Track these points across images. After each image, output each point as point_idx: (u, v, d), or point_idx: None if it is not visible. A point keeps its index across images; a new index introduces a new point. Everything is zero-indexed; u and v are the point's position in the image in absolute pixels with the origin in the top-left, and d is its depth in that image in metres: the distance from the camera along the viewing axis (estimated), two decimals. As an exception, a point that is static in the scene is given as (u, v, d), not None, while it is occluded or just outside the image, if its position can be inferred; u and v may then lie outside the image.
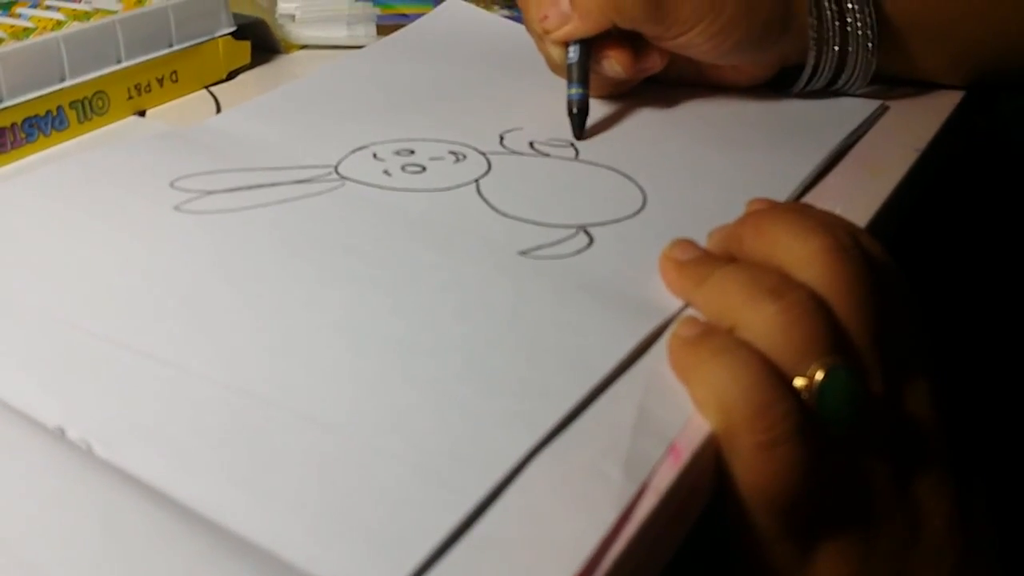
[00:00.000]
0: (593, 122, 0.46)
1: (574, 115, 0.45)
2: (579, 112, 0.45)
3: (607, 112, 0.48)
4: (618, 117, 0.48)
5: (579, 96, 0.44)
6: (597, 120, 0.47)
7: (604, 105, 0.48)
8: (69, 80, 0.47)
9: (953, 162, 0.56)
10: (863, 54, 0.45)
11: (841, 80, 0.47)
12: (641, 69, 0.45)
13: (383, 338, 0.31)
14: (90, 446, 0.26)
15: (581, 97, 0.45)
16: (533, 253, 0.35)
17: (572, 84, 0.45)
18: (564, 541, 0.23)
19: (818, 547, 0.28)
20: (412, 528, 0.24)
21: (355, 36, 0.59)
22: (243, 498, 0.25)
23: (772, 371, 0.27)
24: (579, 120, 0.45)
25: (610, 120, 0.47)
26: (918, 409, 0.29)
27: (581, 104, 0.45)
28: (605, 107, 0.48)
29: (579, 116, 0.45)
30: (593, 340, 0.30)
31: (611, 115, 0.48)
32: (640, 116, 0.48)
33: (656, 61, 0.45)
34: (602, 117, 0.47)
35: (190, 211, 0.38)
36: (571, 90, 0.45)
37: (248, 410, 0.28)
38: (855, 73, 0.46)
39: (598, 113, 0.48)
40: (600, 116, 0.47)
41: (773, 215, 0.31)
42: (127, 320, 0.32)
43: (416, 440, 0.26)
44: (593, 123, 0.46)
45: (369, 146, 0.44)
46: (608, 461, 0.26)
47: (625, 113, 0.48)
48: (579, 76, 0.45)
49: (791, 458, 0.26)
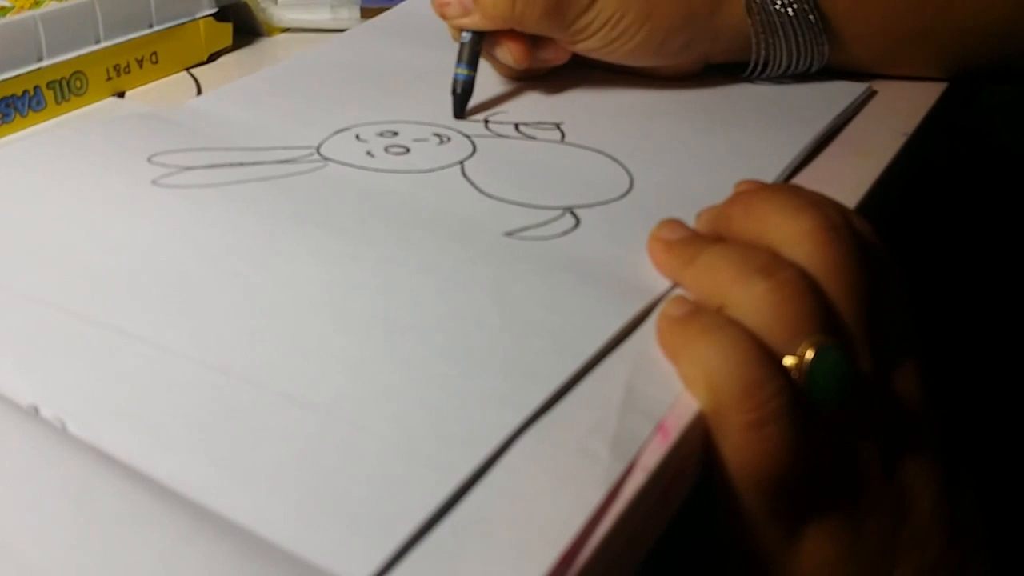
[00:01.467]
0: (576, 105, 0.46)
1: (456, 95, 0.45)
2: (462, 93, 0.45)
3: (592, 93, 0.48)
4: (604, 99, 0.47)
5: (464, 77, 0.45)
6: (581, 100, 0.47)
7: (589, 87, 0.48)
8: (47, 60, 0.46)
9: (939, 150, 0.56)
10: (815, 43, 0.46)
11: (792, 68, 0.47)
12: (540, 59, 0.46)
13: (366, 317, 0.30)
14: (64, 424, 0.26)
15: (466, 79, 0.45)
16: (519, 234, 0.35)
17: (459, 64, 0.45)
18: (551, 520, 0.23)
19: (805, 527, 0.27)
20: (395, 507, 0.23)
21: (338, 19, 0.58)
22: (223, 477, 0.24)
23: (761, 350, 0.26)
24: (461, 100, 0.45)
25: (596, 102, 0.47)
26: (907, 390, 0.29)
27: (465, 85, 0.45)
28: (590, 88, 0.48)
29: (461, 96, 0.45)
30: (580, 320, 0.30)
31: (597, 96, 0.47)
32: (626, 99, 0.47)
33: (557, 54, 0.46)
34: (586, 98, 0.47)
35: (168, 185, 0.37)
36: (457, 69, 0.45)
37: (227, 389, 0.27)
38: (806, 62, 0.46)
39: (582, 94, 0.47)
40: (584, 97, 0.47)
41: (763, 195, 0.31)
42: (102, 296, 0.31)
43: (400, 419, 0.26)
44: (577, 103, 0.46)
45: (352, 127, 0.44)
46: (595, 440, 0.25)
47: (611, 95, 0.48)
48: (468, 58, 0.45)
49: (780, 437, 0.26)
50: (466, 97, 0.45)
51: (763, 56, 0.46)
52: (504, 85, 0.49)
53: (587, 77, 0.49)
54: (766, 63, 0.46)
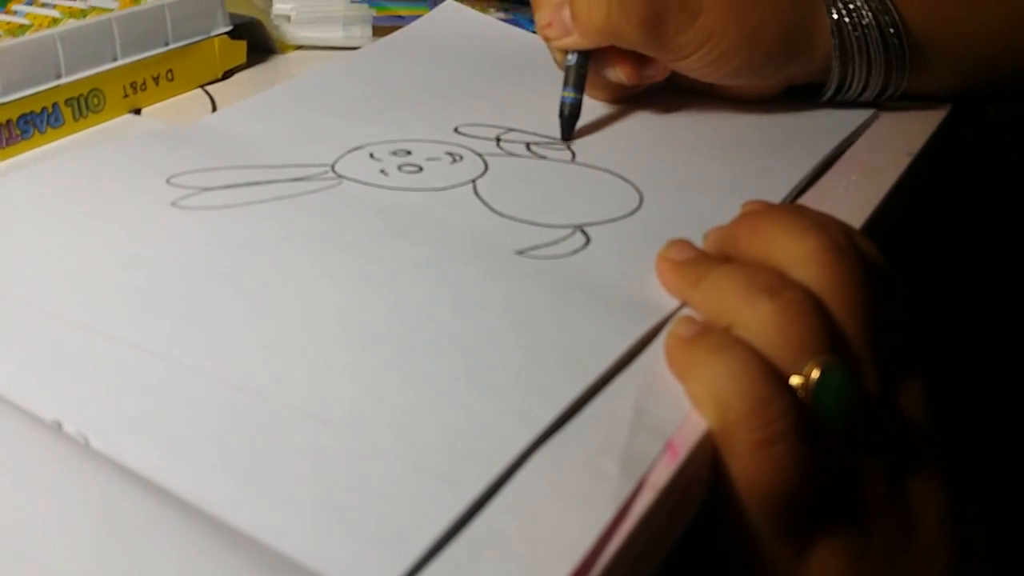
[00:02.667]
0: (590, 124, 0.47)
1: (564, 118, 0.45)
2: (570, 116, 0.45)
3: (604, 115, 0.48)
4: (615, 120, 0.48)
5: (571, 100, 0.45)
6: (593, 122, 0.47)
7: (601, 108, 0.49)
8: (65, 77, 0.47)
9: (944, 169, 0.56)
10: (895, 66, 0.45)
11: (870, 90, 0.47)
12: (645, 76, 0.46)
13: (380, 335, 0.31)
14: (87, 439, 0.26)
15: (573, 101, 0.45)
16: (530, 253, 0.36)
17: (566, 87, 0.45)
18: (561, 537, 0.23)
19: (813, 544, 0.28)
20: (409, 524, 0.24)
21: (351, 37, 0.59)
22: (240, 492, 0.25)
23: (768, 369, 0.27)
24: (569, 123, 0.45)
25: (607, 123, 0.47)
26: (912, 408, 0.30)
27: (572, 108, 0.45)
28: (602, 109, 0.49)
29: (569, 120, 0.45)
30: (590, 338, 0.30)
31: (608, 118, 0.48)
32: (636, 119, 0.48)
33: (660, 70, 0.46)
34: (599, 119, 0.47)
35: (187, 207, 0.38)
36: (564, 93, 0.45)
37: (245, 405, 0.28)
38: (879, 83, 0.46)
39: (595, 115, 0.48)
40: (597, 118, 0.48)
41: (769, 215, 0.32)
42: (123, 314, 0.32)
43: (413, 436, 0.26)
44: (589, 125, 0.47)
45: (366, 146, 0.44)
46: (605, 458, 0.26)
47: (622, 116, 0.48)
48: (574, 81, 0.45)
49: (787, 456, 0.26)
50: (573, 120, 0.45)
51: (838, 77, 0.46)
52: (517, 104, 0.49)
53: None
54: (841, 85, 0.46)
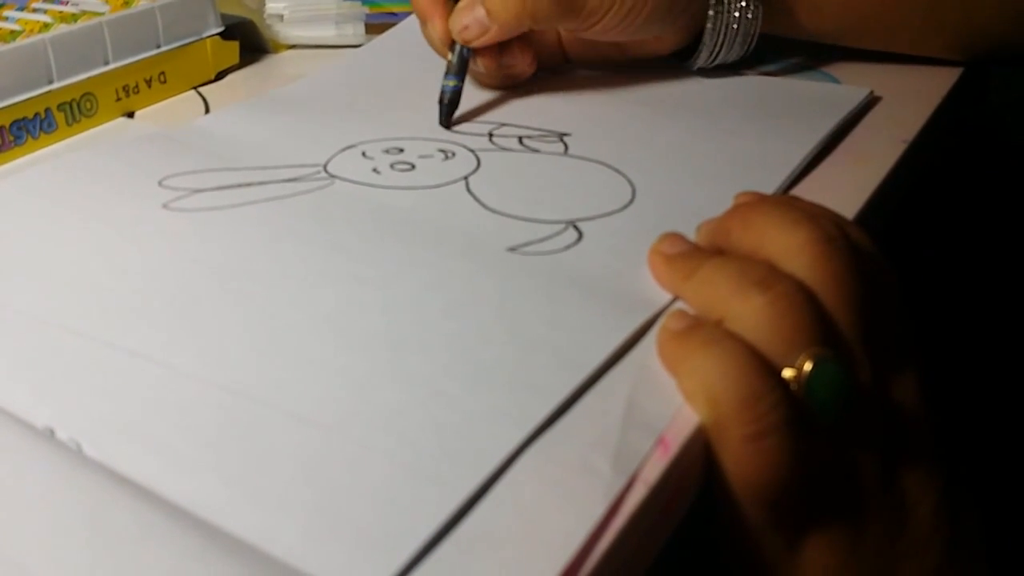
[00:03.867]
0: (579, 116, 0.47)
1: (443, 104, 0.47)
2: (449, 103, 0.47)
3: (594, 106, 0.48)
4: (607, 108, 0.48)
5: (451, 88, 0.47)
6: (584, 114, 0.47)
7: (592, 98, 0.49)
8: (57, 82, 0.47)
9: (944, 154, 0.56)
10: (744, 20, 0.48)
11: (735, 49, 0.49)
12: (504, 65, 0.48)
13: (372, 335, 0.31)
14: (79, 446, 0.26)
15: (454, 89, 0.47)
16: (522, 249, 0.35)
17: (448, 76, 0.47)
18: (553, 535, 0.23)
19: (806, 538, 0.28)
20: (401, 524, 0.24)
21: (344, 35, 0.59)
22: (233, 496, 0.25)
23: (760, 362, 0.27)
24: (447, 110, 0.47)
25: (599, 114, 0.47)
26: (906, 400, 0.29)
27: (452, 96, 0.47)
28: (593, 100, 0.49)
29: (448, 106, 0.47)
30: (582, 335, 0.30)
31: (600, 109, 0.48)
32: (629, 109, 0.48)
33: (516, 56, 0.48)
34: (591, 112, 0.47)
35: (178, 209, 0.38)
36: (446, 81, 0.47)
37: (237, 408, 0.28)
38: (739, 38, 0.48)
39: (585, 107, 0.48)
40: (587, 110, 0.48)
41: (760, 207, 0.32)
42: (115, 319, 0.32)
43: (405, 437, 0.26)
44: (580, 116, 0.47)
45: (358, 145, 0.44)
46: (597, 454, 0.26)
47: (614, 105, 0.48)
48: (457, 70, 0.47)
49: (779, 449, 0.26)
50: (452, 107, 0.47)
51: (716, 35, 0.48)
52: (508, 96, 0.50)
53: (590, 87, 0.50)
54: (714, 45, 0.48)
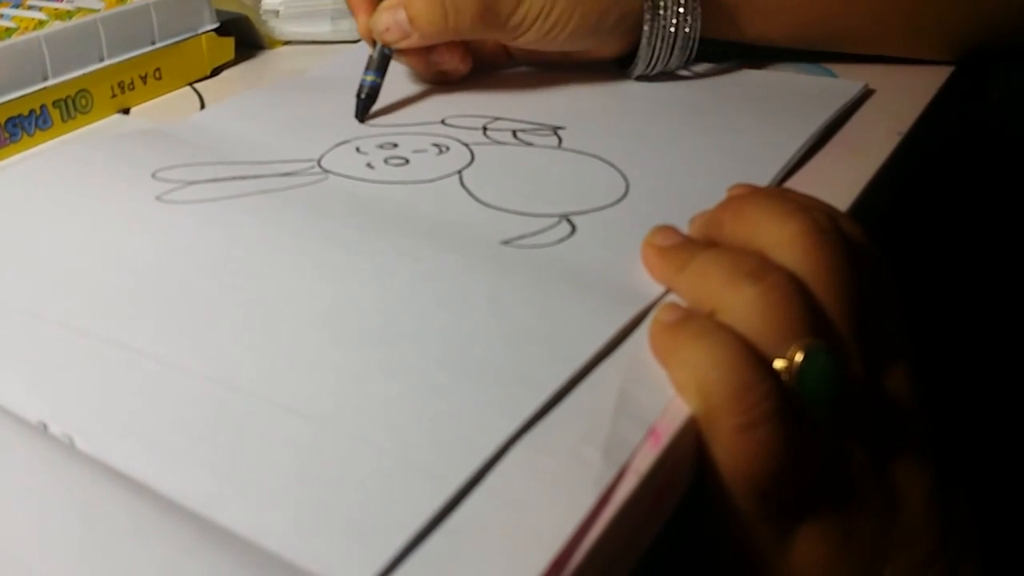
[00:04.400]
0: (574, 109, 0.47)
1: (361, 99, 0.47)
2: (367, 98, 0.47)
3: (588, 99, 0.48)
4: (601, 102, 0.48)
5: (369, 84, 0.47)
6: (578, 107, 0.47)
7: (586, 92, 0.49)
8: (52, 79, 0.47)
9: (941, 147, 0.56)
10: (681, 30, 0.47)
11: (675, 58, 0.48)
12: (433, 63, 0.48)
13: (365, 328, 0.31)
14: (72, 440, 0.26)
15: (371, 85, 0.47)
16: (515, 243, 0.35)
17: (367, 71, 0.47)
18: (543, 525, 0.23)
19: (797, 527, 0.28)
20: (392, 517, 0.24)
21: (339, 31, 0.59)
22: (225, 489, 0.25)
23: (752, 353, 0.27)
24: (364, 104, 0.47)
25: (593, 107, 0.47)
26: (897, 391, 0.29)
27: (370, 91, 0.47)
28: (587, 94, 0.49)
29: (366, 101, 0.47)
30: (574, 327, 0.30)
31: (594, 102, 0.48)
32: (623, 103, 0.48)
33: (443, 55, 0.48)
34: (585, 105, 0.47)
35: (172, 201, 0.38)
36: (366, 76, 0.47)
37: (229, 401, 0.28)
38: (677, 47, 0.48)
39: (579, 100, 0.48)
40: (581, 103, 0.48)
41: (753, 199, 0.32)
42: (108, 312, 0.32)
43: (397, 429, 0.26)
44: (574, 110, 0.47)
45: (352, 140, 0.44)
46: (588, 446, 0.26)
47: (608, 99, 0.48)
48: (378, 66, 0.47)
49: (770, 439, 0.26)
50: (370, 102, 0.48)
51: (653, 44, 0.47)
52: (503, 90, 0.50)
53: (584, 81, 0.50)
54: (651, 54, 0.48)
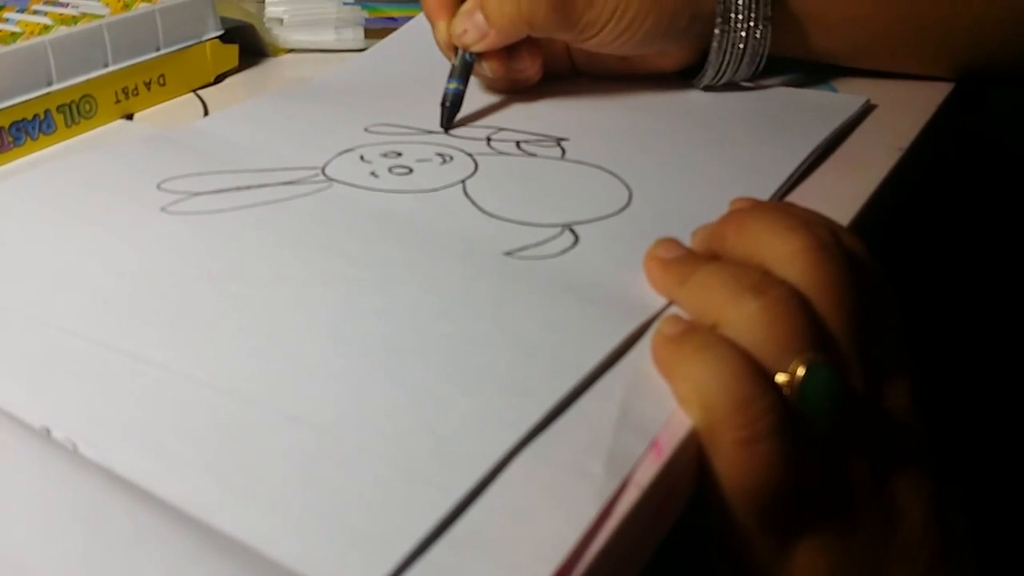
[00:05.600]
0: (577, 121, 0.47)
1: (445, 107, 0.47)
2: (451, 106, 0.47)
3: (592, 111, 0.48)
4: (606, 113, 0.48)
5: (453, 92, 0.47)
6: (582, 119, 0.47)
7: (588, 105, 0.49)
8: (56, 84, 0.47)
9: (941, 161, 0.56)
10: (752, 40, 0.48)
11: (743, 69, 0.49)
12: (513, 70, 0.48)
13: (368, 338, 0.31)
14: (75, 446, 0.27)
15: (456, 92, 0.47)
16: (518, 253, 0.36)
17: (451, 79, 0.47)
18: (545, 537, 0.23)
19: (797, 541, 0.28)
20: (395, 526, 0.24)
21: (343, 40, 0.59)
22: (228, 497, 0.25)
23: (753, 367, 0.27)
24: (449, 113, 0.47)
25: (597, 119, 0.48)
26: (898, 406, 0.30)
27: (455, 99, 0.47)
28: (589, 107, 0.49)
29: (450, 110, 0.47)
30: (577, 338, 0.30)
31: (598, 114, 0.48)
32: (627, 115, 0.48)
33: (525, 61, 0.48)
34: (589, 117, 0.48)
35: (177, 212, 0.38)
36: (449, 84, 0.47)
37: (233, 409, 0.28)
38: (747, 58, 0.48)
39: (583, 112, 0.48)
40: (585, 115, 0.48)
41: (755, 213, 0.32)
42: (112, 321, 0.32)
43: (399, 439, 0.26)
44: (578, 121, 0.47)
45: (356, 148, 0.44)
46: (590, 458, 0.26)
47: (612, 111, 0.48)
48: (460, 73, 0.48)
49: (772, 454, 0.26)
50: (454, 111, 0.47)
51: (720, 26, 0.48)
52: (507, 101, 0.50)
53: (589, 93, 0.50)
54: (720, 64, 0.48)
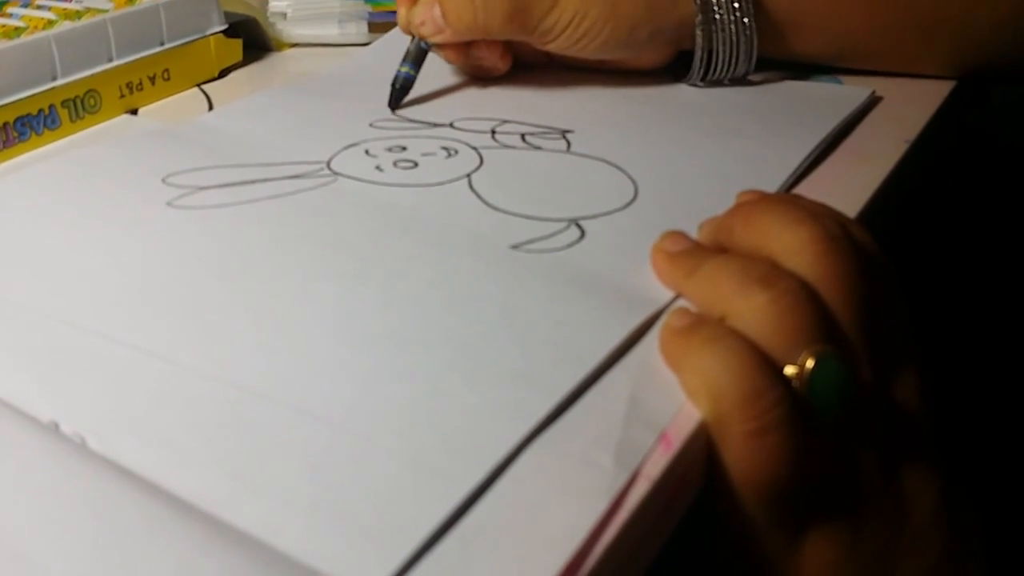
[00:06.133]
0: (582, 113, 0.47)
1: (395, 89, 0.49)
2: (400, 89, 0.49)
3: (597, 103, 0.48)
4: (611, 108, 0.48)
5: (404, 75, 0.49)
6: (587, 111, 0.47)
7: (595, 96, 0.49)
8: (61, 79, 0.47)
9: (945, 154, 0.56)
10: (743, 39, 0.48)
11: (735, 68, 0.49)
12: (473, 57, 0.49)
13: (375, 331, 0.31)
14: (84, 440, 0.26)
15: (405, 76, 0.49)
16: (525, 247, 0.36)
17: (404, 63, 0.49)
18: (555, 530, 0.23)
19: (806, 533, 0.28)
20: (404, 519, 0.24)
21: (346, 34, 0.59)
22: (237, 490, 0.25)
23: (762, 359, 0.27)
24: (397, 95, 0.49)
25: (602, 111, 0.47)
26: (906, 398, 0.30)
27: (404, 83, 0.49)
28: (596, 98, 0.49)
29: (399, 92, 0.49)
30: (584, 331, 0.30)
31: (603, 106, 0.48)
32: (632, 107, 0.48)
33: (482, 50, 0.49)
34: (594, 109, 0.48)
35: (182, 207, 0.38)
36: (401, 67, 0.49)
37: (241, 403, 0.28)
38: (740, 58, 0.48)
39: (588, 104, 0.48)
40: (590, 107, 0.48)
41: (763, 205, 0.32)
42: (120, 315, 0.32)
43: (408, 431, 0.26)
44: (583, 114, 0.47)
45: (361, 143, 0.44)
46: (599, 450, 0.26)
47: (617, 103, 0.48)
48: (414, 59, 0.49)
49: (781, 446, 0.26)
50: (403, 93, 0.49)
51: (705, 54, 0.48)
52: (512, 93, 0.50)
53: (593, 85, 0.50)
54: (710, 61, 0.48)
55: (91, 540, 0.23)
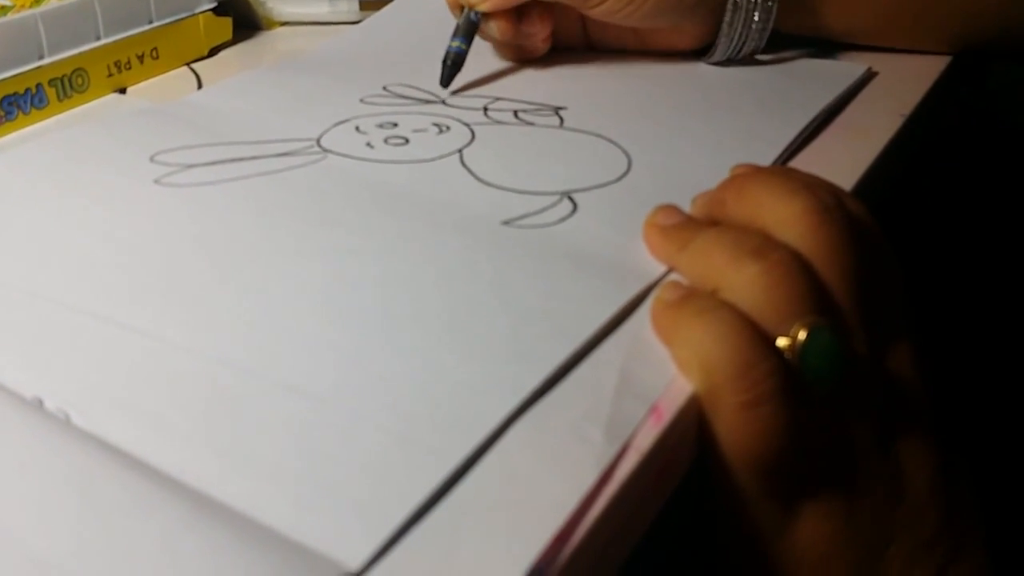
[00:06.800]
0: (576, 90, 0.47)
1: (447, 65, 0.47)
2: (452, 65, 0.47)
3: (591, 80, 0.48)
4: (605, 83, 0.48)
5: (455, 50, 0.47)
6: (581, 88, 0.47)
7: (587, 74, 0.48)
8: (48, 57, 0.46)
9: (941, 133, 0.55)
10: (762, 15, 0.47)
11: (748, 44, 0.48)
12: (523, 33, 0.48)
13: (365, 307, 0.30)
14: (68, 416, 0.26)
15: (457, 51, 0.47)
16: (516, 222, 0.35)
17: (455, 37, 0.47)
18: (544, 502, 0.23)
19: (801, 506, 0.28)
20: (392, 492, 0.23)
21: (337, 12, 0.59)
22: (222, 465, 0.25)
23: (755, 331, 0.27)
24: (449, 71, 0.47)
25: (596, 88, 0.47)
26: (901, 371, 0.29)
27: (456, 58, 0.47)
28: (588, 75, 0.48)
29: (451, 68, 0.47)
30: (576, 305, 0.30)
31: (597, 83, 0.48)
32: (626, 83, 0.47)
33: (535, 25, 0.47)
34: (588, 87, 0.47)
35: (170, 184, 0.38)
36: (452, 42, 0.47)
37: (228, 380, 0.27)
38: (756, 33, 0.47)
39: (582, 81, 0.48)
40: (584, 84, 0.47)
41: (756, 178, 0.31)
42: (106, 292, 0.31)
43: (397, 406, 0.26)
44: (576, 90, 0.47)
45: (351, 119, 0.44)
46: (589, 423, 0.25)
47: (610, 80, 0.48)
48: (464, 32, 0.47)
49: (773, 417, 0.26)
50: (455, 69, 0.47)
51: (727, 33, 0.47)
52: (506, 71, 0.49)
53: (586, 63, 0.50)
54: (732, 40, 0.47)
55: (75, 516, 0.23)
